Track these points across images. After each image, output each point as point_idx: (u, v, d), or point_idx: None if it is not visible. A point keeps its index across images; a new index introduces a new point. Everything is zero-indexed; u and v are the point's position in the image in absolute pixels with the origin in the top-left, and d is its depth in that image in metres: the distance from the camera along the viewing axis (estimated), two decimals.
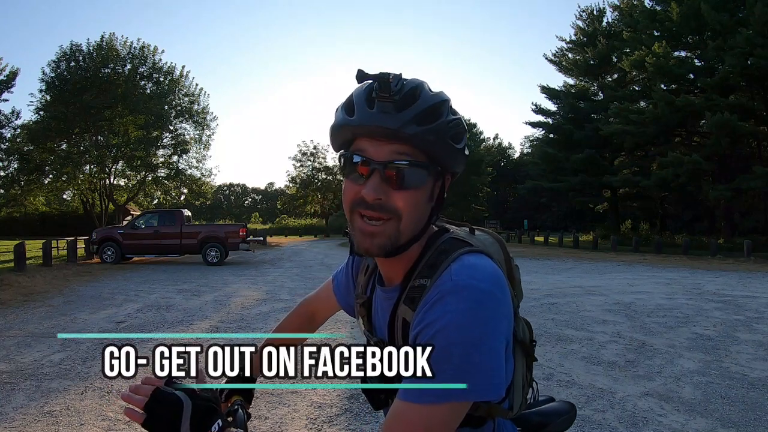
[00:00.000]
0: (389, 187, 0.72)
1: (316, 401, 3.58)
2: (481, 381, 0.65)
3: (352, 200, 0.74)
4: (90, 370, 4.28)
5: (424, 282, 0.73)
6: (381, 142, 0.72)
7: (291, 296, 8.47)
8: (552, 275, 11.97)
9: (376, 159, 0.72)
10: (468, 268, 0.70)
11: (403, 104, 0.71)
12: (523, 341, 0.86)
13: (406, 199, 0.72)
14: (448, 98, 0.75)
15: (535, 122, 35.38)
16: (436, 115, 0.72)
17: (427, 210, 0.76)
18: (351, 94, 0.76)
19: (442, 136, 0.73)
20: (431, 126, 0.71)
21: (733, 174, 22.97)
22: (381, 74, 0.71)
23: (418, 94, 0.73)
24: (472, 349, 0.65)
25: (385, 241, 0.73)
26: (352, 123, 0.73)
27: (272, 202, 77.80)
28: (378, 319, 0.86)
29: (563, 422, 1.03)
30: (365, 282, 0.92)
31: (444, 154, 0.74)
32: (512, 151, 64.55)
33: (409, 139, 0.70)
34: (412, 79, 0.75)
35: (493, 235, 0.89)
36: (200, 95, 30.15)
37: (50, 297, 8.37)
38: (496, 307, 0.68)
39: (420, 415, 0.65)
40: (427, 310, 0.68)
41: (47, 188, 29.35)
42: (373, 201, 0.71)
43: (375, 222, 0.72)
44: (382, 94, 0.70)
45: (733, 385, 3.91)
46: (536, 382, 0.96)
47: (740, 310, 7.12)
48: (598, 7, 33.10)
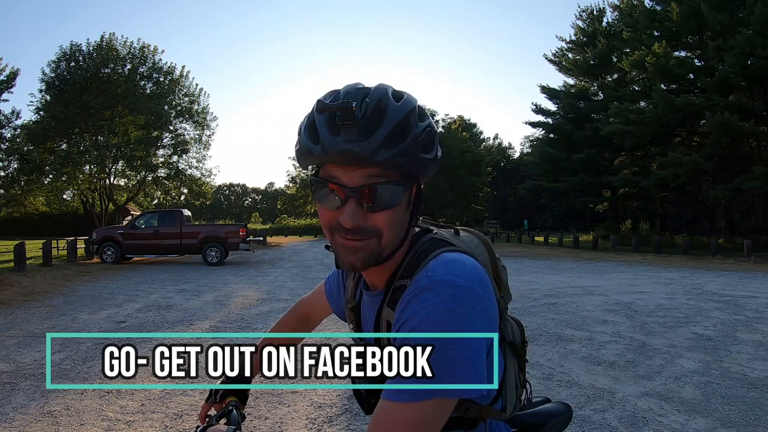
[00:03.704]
0: (366, 211, 0.70)
1: (316, 401, 3.58)
2: (458, 378, 0.64)
3: (330, 224, 0.73)
4: (90, 370, 4.28)
5: (404, 282, 0.73)
6: (352, 169, 0.70)
7: (291, 296, 8.47)
8: (552, 275, 11.97)
9: (349, 186, 0.70)
10: (445, 265, 0.69)
11: (369, 128, 0.68)
12: (513, 342, 0.86)
13: (385, 218, 0.71)
14: (414, 104, 0.72)
15: (535, 122, 35.39)
16: (406, 130, 0.70)
17: (406, 218, 0.75)
18: (312, 119, 0.72)
19: (413, 153, 0.70)
20: (402, 146, 0.69)
21: (733, 174, 22.96)
22: (342, 103, 0.68)
23: (384, 109, 0.69)
24: (448, 345, 0.64)
25: (368, 255, 0.72)
26: (316, 152, 0.70)
27: (272, 202, 77.82)
28: (366, 323, 0.86)
29: (559, 423, 1.03)
30: (354, 287, 0.92)
31: (416, 169, 0.72)
32: (512, 151, 64.63)
33: (381, 164, 0.69)
34: (376, 88, 0.72)
35: (479, 236, 0.88)
36: (200, 95, 30.16)
37: (50, 297, 8.37)
38: (473, 302, 0.66)
39: (400, 413, 0.64)
40: (403, 307, 0.68)
41: (47, 188, 29.36)
42: (352, 227, 0.70)
43: (357, 239, 0.72)
44: (347, 122, 0.68)
45: (733, 385, 3.91)
46: (530, 383, 0.95)
47: (740, 310, 7.12)
48: (598, 7, 33.18)
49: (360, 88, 0.72)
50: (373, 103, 0.69)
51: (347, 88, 0.73)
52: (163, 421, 3.21)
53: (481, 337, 0.67)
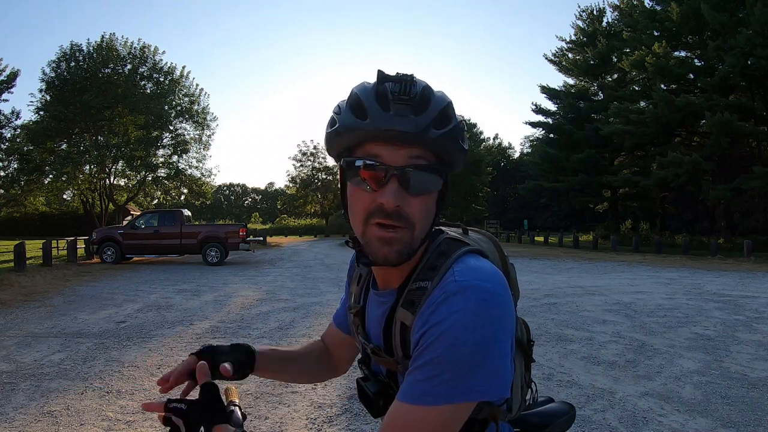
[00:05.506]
0: (406, 193, 0.70)
1: (316, 401, 3.58)
2: (485, 381, 0.65)
3: (368, 210, 0.72)
4: (90, 370, 4.28)
5: (424, 284, 0.72)
6: (397, 147, 0.70)
7: (291, 296, 8.47)
8: (552, 275, 11.97)
9: (392, 164, 0.70)
10: (471, 270, 0.69)
11: (420, 107, 0.69)
12: (521, 341, 0.86)
13: (420, 205, 0.71)
14: (450, 99, 0.75)
15: (535, 122, 35.38)
16: (449, 118, 0.72)
17: (433, 211, 0.76)
18: (356, 95, 0.72)
19: (456, 139, 0.72)
20: (448, 128, 0.71)
21: (733, 174, 22.95)
22: (401, 76, 0.70)
23: (429, 95, 0.71)
24: (478, 349, 0.64)
25: (402, 248, 0.71)
26: (365, 127, 0.69)
27: (272, 202, 77.81)
28: (372, 326, 0.83)
29: (563, 423, 1.02)
30: (358, 291, 0.90)
31: (456, 156, 0.74)
32: (512, 151, 64.67)
33: (431, 143, 0.70)
34: (418, 80, 0.74)
35: (487, 235, 0.88)
36: (200, 95, 30.19)
37: (50, 297, 8.36)
38: (501, 306, 0.67)
39: (420, 416, 0.64)
40: (432, 311, 0.67)
41: (47, 188, 29.38)
42: (393, 208, 0.69)
43: (392, 230, 0.71)
44: (401, 97, 0.69)
45: (733, 385, 3.91)
46: (535, 383, 0.95)
47: (740, 310, 7.12)
48: (598, 7, 33.16)
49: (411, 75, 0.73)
50: (420, 86, 0.71)
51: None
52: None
53: (508, 341, 0.68)
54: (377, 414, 0.82)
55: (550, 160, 31.23)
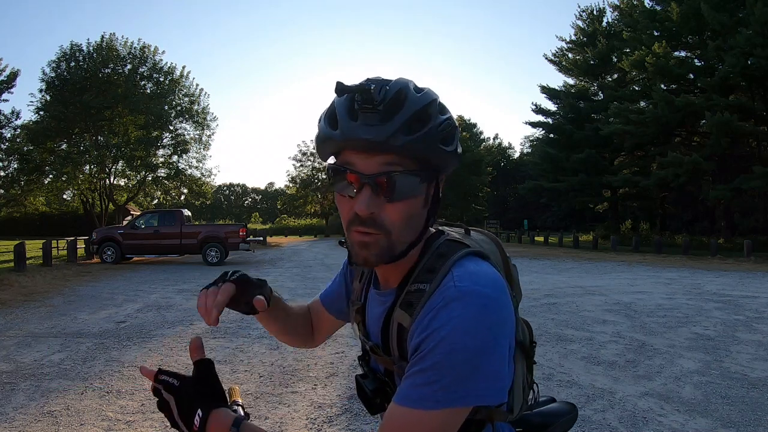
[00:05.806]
0: (382, 200, 0.70)
1: (316, 401, 3.58)
2: (483, 386, 0.65)
3: (347, 217, 0.73)
4: (90, 370, 4.28)
5: (422, 287, 0.72)
6: (369, 155, 0.69)
7: (291, 296, 8.47)
8: (552, 275, 11.97)
9: (364, 172, 0.69)
10: (471, 275, 0.69)
11: (388, 113, 0.68)
12: (523, 343, 0.85)
13: (400, 211, 0.71)
14: (435, 97, 0.72)
15: (535, 122, 35.37)
16: (425, 119, 0.70)
17: (423, 215, 0.75)
18: (332, 105, 0.73)
19: (432, 142, 0.70)
20: (420, 133, 0.68)
21: (733, 174, 22.95)
22: (361, 85, 0.69)
23: (404, 98, 0.69)
24: (478, 354, 0.64)
25: (380, 251, 0.72)
26: (335, 137, 0.70)
27: (272, 202, 77.82)
28: (372, 324, 0.84)
29: (565, 423, 1.02)
30: (360, 288, 0.91)
31: (435, 160, 0.72)
32: (512, 151, 64.59)
33: (397, 150, 0.68)
34: (396, 80, 0.72)
35: (489, 236, 0.88)
36: (200, 95, 30.20)
37: (50, 297, 8.36)
38: (501, 311, 0.67)
39: (418, 420, 0.64)
40: (432, 317, 0.67)
41: (47, 188, 29.38)
42: (366, 216, 0.69)
43: (367, 235, 0.71)
44: (365, 106, 0.68)
45: (733, 385, 3.91)
46: (537, 384, 0.95)
47: (740, 310, 7.12)
48: (598, 7, 33.13)
49: (381, 78, 0.73)
50: (393, 91, 0.69)
51: (369, 78, 0.73)
52: (163, 421, 3.20)
53: (505, 346, 0.68)
54: (375, 411, 0.82)
55: (550, 160, 31.23)
